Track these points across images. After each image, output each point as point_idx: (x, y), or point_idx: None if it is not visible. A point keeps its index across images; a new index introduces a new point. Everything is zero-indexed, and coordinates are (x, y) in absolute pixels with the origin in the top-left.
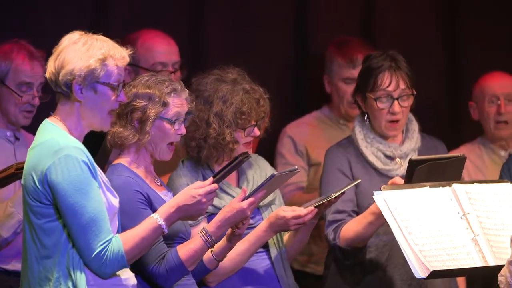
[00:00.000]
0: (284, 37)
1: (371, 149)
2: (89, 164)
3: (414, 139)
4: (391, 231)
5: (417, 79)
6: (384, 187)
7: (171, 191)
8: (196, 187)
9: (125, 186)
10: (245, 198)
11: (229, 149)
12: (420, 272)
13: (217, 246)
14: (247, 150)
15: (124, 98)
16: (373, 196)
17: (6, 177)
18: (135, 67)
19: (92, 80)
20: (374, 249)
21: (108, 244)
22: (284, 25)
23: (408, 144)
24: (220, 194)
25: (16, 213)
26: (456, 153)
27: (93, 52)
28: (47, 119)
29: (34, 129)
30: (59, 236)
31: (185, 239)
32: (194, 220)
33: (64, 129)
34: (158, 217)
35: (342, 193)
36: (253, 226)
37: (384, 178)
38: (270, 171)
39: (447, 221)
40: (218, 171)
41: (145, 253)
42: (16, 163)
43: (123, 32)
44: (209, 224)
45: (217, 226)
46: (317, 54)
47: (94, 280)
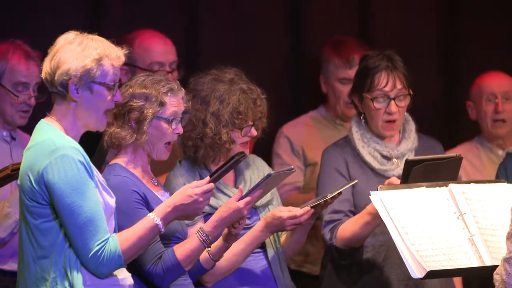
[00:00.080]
0: (280, 37)
1: (368, 149)
2: (85, 164)
3: (411, 139)
4: (388, 231)
5: (415, 79)
6: (380, 187)
7: (168, 191)
8: (192, 186)
9: (122, 186)
10: (241, 198)
11: (225, 149)
12: (416, 272)
13: (214, 246)
14: (244, 150)
15: (120, 98)
16: (369, 196)
17: (2, 178)
18: (132, 67)
19: (88, 80)
20: (371, 249)
21: (105, 243)
22: (280, 25)
23: (405, 144)
24: (217, 194)
25: (12, 213)
26: (452, 153)
27: (88, 52)
28: (43, 119)
29: (31, 129)
30: (55, 236)
31: (182, 239)
32: (191, 220)
33: (60, 129)
34: (155, 217)
35: (338, 193)
36: (250, 226)
37: (381, 178)
38: (267, 171)
39: (443, 221)
40: (214, 170)
41: (142, 253)
42: (12, 164)
43: (120, 33)
44: (206, 224)
45: (213, 225)
46: (313, 54)
47: (91, 280)
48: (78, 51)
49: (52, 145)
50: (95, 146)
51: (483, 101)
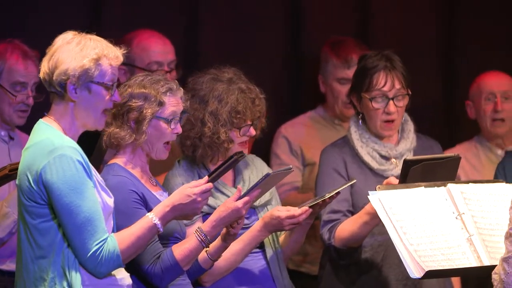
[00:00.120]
0: (280, 37)
1: (366, 149)
2: (84, 163)
3: (410, 139)
4: (386, 231)
5: (414, 79)
6: (379, 187)
7: (166, 191)
8: (191, 186)
9: (120, 185)
10: (240, 198)
11: (224, 148)
12: (415, 272)
13: (212, 245)
14: (242, 150)
15: (118, 97)
16: (368, 196)
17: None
18: (130, 67)
19: (86, 80)
20: (369, 249)
21: (104, 243)
22: (280, 25)
23: (403, 144)
24: (216, 193)
25: (11, 213)
26: (450, 153)
27: (87, 52)
28: (41, 119)
29: (29, 129)
30: (54, 236)
31: (180, 239)
32: (189, 220)
33: (59, 129)
34: (153, 216)
35: (336, 193)
36: (249, 226)
37: (379, 178)
38: (266, 171)
39: (442, 221)
40: (213, 170)
41: (141, 253)
42: (10, 164)
43: (120, 32)
44: (204, 224)
45: (212, 225)
46: (313, 54)
47: (90, 280)
48: (76, 51)
49: (51, 145)
50: (93, 145)
51: (482, 100)
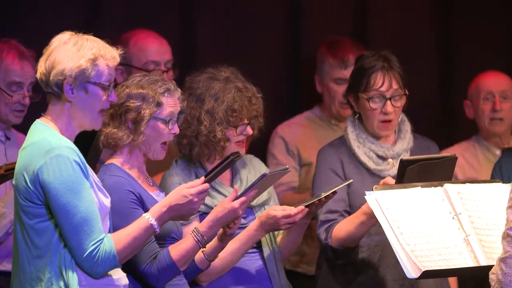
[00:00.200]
0: (277, 37)
1: (363, 149)
2: (81, 164)
3: (407, 140)
4: (383, 231)
5: (411, 80)
6: (376, 187)
7: (163, 191)
8: (187, 186)
9: (117, 186)
10: (236, 198)
11: (220, 147)
12: (412, 272)
13: (209, 246)
14: (239, 149)
15: (115, 98)
16: (365, 196)
17: None
18: (127, 67)
19: (83, 80)
20: (366, 249)
21: (100, 244)
22: (277, 25)
23: (400, 145)
24: (213, 193)
25: (7, 213)
26: (447, 153)
27: (83, 52)
28: (38, 120)
29: (26, 129)
30: (51, 236)
31: (177, 239)
32: (186, 220)
33: (56, 129)
34: (150, 217)
35: (333, 192)
36: (246, 226)
37: (376, 178)
38: (264, 171)
39: (439, 221)
40: (209, 170)
41: (137, 253)
42: (5, 164)
43: (117, 33)
44: (201, 224)
45: (208, 226)
46: (311, 54)
47: (86, 280)
48: (73, 51)
49: (48, 145)
50: (89, 145)
51: (480, 100)
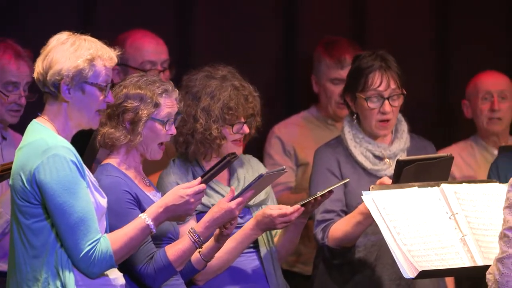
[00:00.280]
0: (274, 37)
1: (360, 149)
2: (77, 163)
3: (403, 140)
4: (380, 231)
5: (407, 80)
6: (372, 187)
7: (159, 192)
8: (184, 187)
9: (114, 186)
10: (233, 198)
11: (216, 145)
12: (408, 272)
13: (205, 246)
14: (236, 148)
15: (112, 98)
16: (361, 196)
17: None
18: (124, 67)
19: (80, 81)
20: (363, 249)
21: (96, 244)
22: (274, 25)
23: (397, 145)
24: (210, 192)
25: (4, 213)
26: (443, 153)
27: (81, 52)
28: (35, 120)
29: (22, 129)
30: (47, 236)
31: (174, 239)
32: (182, 221)
33: (52, 129)
34: (146, 217)
35: (329, 192)
36: (242, 225)
37: (372, 178)
38: (263, 171)
39: (435, 221)
40: (206, 171)
41: (134, 253)
42: (1, 165)
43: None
44: (197, 225)
45: (205, 226)
46: (307, 54)
47: (83, 280)
48: (70, 52)
49: (44, 144)
50: (85, 144)
51: (479, 100)
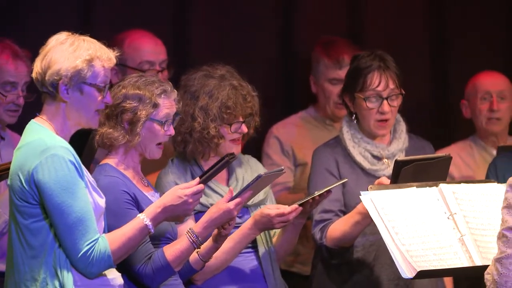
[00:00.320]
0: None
1: (358, 149)
2: (76, 164)
3: (402, 140)
4: (378, 231)
5: (405, 80)
6: (371, 187)
7: (158, 192)
8: (182, 187)
9: (112, 186)
10: (232, 199)
11: (214, 144)
12: (407, 272)
13: (203, 246)
14: (235, 147)
15: (110, 99)
16: (360, 196)
17: None
18: (122, 67)
19: (79, 81)
20: (361, 248)
21: (95, 244)
22: (272, 25)
23: (395, 145)
24: (208, 192)
25: (2, 213)
26: (441, 153)
27: (80, 52)
28: (33, 120)
29: (20, 129)
30: (45, 236)
31: (172, 239)
32: (180, 221)
33: (51, 129)
34: (144, 217)
35: (327, 191)
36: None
37: (371, 178)
38: (262, 171)
39: (434, 221)
40: (205, 171)
41: (132, 253)
42: (0, 164)
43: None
44: (196, 225)
45: (203, 226)
46: (305, 54)
47: (81, 280)
48: (69, 52)
49: (43, 144)
50: (84, 144)
51: (478, 100)
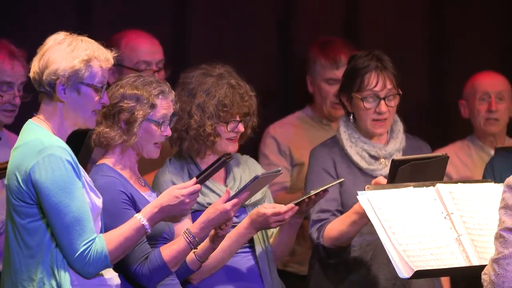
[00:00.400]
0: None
1: (355, 149)
2: (73, 163)
3: (399, 140)
4: (375, 231)
5: (403, 80)
6: (368, 187)
7: (155, 192)
8: (179, 187)
9: (109, 186)
10: (229, 199)
11: (210, 142)
12: (404, 272)
13: (200, 247)
14: (231, 146)
15: (107, 100)
16: (357, 196)
17: None
18: (118, 67)
19: (76, 81)
20: (358, 248)
21: (92, 244)
22: (269, 25)
23: (392, 145)
24: (206, 191)
25: None
26: (438, 153)
27: (77, 53)
28: (30, 120)
29: (17, 129)
30: (42, 236)
31: (169, 239)
32: (177, 222)
33: (48, 129)
34: (141, 217)
35: (323, 191)
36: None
37: (368, 178)
38: (260, 172)
39: (431, 221)
40: (201, 171)
41: (129, 253)
42: None
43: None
44: (193, 225)
45: (200, 227)
46: (302, 55)
47: (78, 280)
48: (67, 52)
49: (40, 144)
50: (80, 144)
51: (476, 100)
